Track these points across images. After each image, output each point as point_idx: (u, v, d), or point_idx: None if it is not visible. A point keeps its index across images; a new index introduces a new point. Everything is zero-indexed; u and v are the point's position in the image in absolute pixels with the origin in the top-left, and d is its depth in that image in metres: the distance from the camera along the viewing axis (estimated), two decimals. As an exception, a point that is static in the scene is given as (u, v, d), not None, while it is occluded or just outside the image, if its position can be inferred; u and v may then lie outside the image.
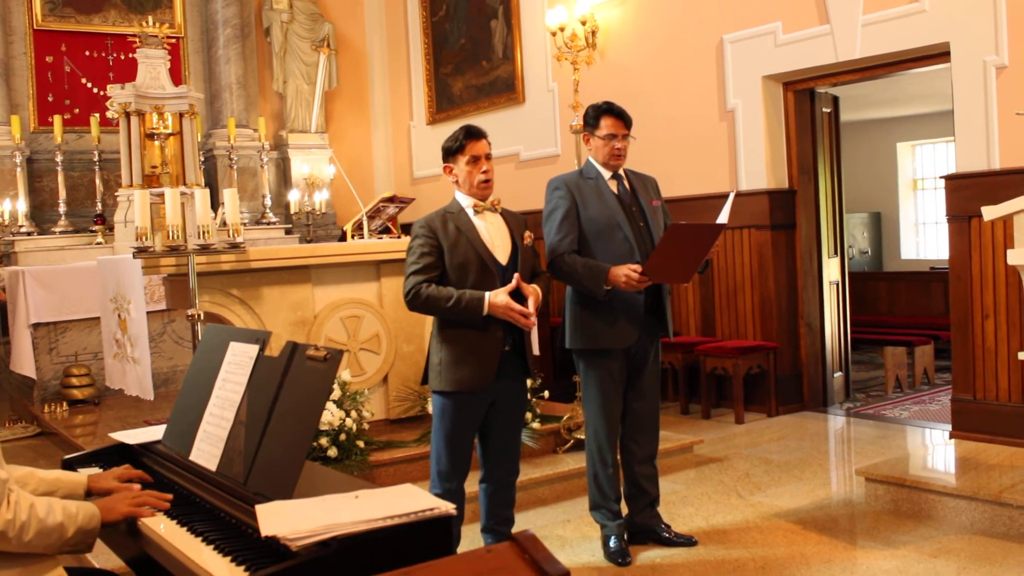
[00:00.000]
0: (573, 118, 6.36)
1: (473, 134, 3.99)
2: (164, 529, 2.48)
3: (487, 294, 3.83)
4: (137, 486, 2.72)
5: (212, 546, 2.31)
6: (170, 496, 2.64)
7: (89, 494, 2.70)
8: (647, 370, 4.52)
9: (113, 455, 3.10)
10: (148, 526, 2.53)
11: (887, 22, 6.50)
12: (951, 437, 6.14)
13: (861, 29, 6.65)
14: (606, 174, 4.45)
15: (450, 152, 4.01)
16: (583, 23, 8.07)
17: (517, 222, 4.09)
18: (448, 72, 10.88)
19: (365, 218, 6.76)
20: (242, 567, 2.17)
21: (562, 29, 8.00)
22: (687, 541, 4.60)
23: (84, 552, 2.52)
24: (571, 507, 5.28)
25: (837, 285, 7.82)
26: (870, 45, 6.63)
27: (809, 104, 7.58)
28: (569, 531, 4.90)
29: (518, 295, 3.89)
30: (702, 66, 7.83)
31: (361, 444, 5.26)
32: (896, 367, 8.26)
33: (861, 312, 10.04)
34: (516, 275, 3.90)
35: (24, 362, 8.08)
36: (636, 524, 4.62)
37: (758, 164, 7.48)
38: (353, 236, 6.90)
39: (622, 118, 4.43)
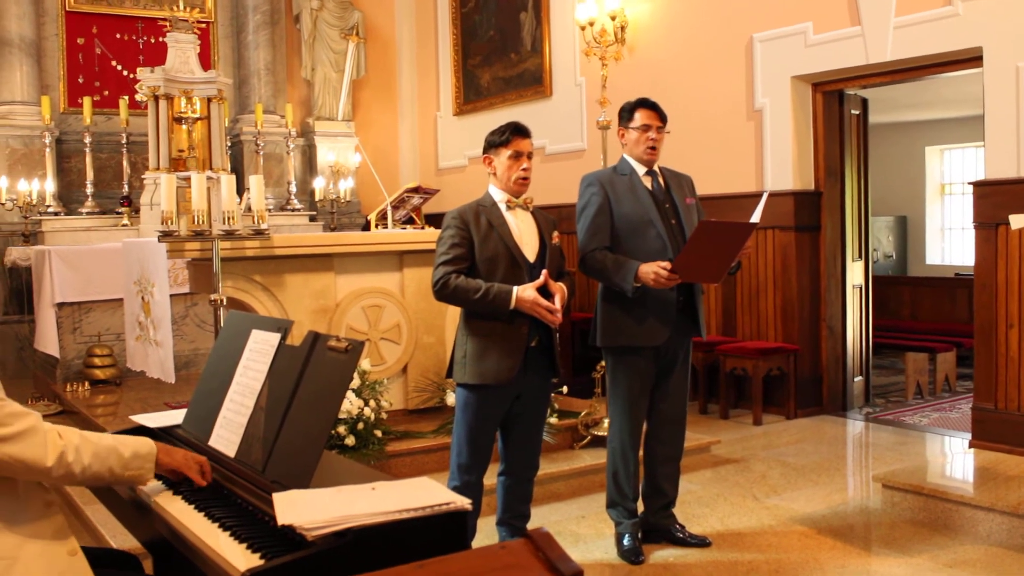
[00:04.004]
0: (600, 113, 6.35)
1: (520, 131, 4.02)
2: (182, 513, 2.49)
3: (515, 288, 3.84)
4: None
5: (229, 532, 2.31)
6: (208, 480, 2.65)
7: None
8: (676, 370, 4.50)
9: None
10: (165, 509, 2.54)
11: (919, 25, 6.45)
12: (971, 446, 6.10)
13: (893, 31, 6.60)
14: (640, 170, 4.44)
15: (494, 144, 4.03)
16: (612, 18, 8.04)
17: (547, 222, 4.10)
18: (476, 64, 10.88)
19: (389, 208, 6.77)
20: (257, 554, 2.17)
21: (591, 24, 7.98)
22: (701, 542, 4.59)
23: (142, 483, 2.54)
24: (586, 503, 5.28)
25: (860, 289, 7.77)
26: (901, 48, 6.58)
27: (838, 105, 7.53)
28: (584, 527, 4.91)
29: (545, 292, 3.90)
30: (731, 64, 7.80)
31: (379, 434, 5.28)
32: (917, 373, 8.21)
33: (883, 317, 9.99)
34: (544, 271, 3.91)
35: (48, 341, 8.15)
36: (650, 523, 4.62)
37: (784, 165, 7.44)
38: (377, 225, 6.91)
39: (656, 110, 4.44)
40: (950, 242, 13.51)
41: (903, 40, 6.56)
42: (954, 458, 6.27)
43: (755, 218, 4.25)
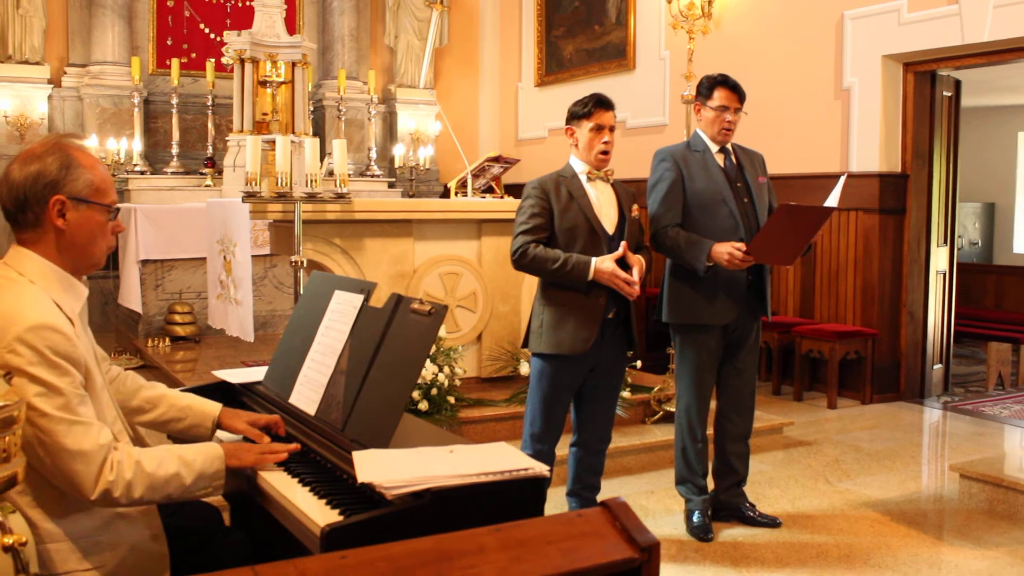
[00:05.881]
0: (684, 88, 6.27)
1: (603, 103, 4.00)
2: (262, 468, 2.54)
3: (594, 259, 3.83)
4: (267, 438, 2.66)
5: (308, 488, 2.34)
6: (296, 447, 2.55)
7: (218, 427, 2.73)
8: (746, 347, 4.47)
9: (215, 392, 3.15)
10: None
11: (1020, 4, 6.24)
12: (1054, 439, 5.96)
13: (992, 11, 6.40)
14: (713, 147, 4.39)
15: (576, 116, 4.01)
16: (700, -9, 7.91)
17: (627, 195, 4.08)
18: (559, 35, 10.81)
19: (470, 176, 6.79)
20: (336, 510, 2.20)
21: (678, -4, 7.86)
22: (771, 522, 4.56)
23: (213, 495, 2.43)
24: (656, 479, 5.27)
25: (944, 275, 7.60)
26: (1000, 28, 6.38)
27: (929, 87, 7.34)
28: (653, 502, 4.90)
29: (623, 264, 3.89)
30: (820, 42, 7.64)
31: (452, 400, 5.32)
32: (999, 363, 8.01)
33: (966, 305, 9.76)
34: (623, 243, 3.89)
35: (131, 297, 8.35)
36: (721, 501, 4.60)
37: (871, 146, 7.28)
38: (457, 193, 6.94)
39: (736, 91, 4.36)
40: (1040, 231, 13.14)
41: (1003, 20, 6.36)
42: (1035, 451, 6.12)
43: (833, 202, 4.20)
